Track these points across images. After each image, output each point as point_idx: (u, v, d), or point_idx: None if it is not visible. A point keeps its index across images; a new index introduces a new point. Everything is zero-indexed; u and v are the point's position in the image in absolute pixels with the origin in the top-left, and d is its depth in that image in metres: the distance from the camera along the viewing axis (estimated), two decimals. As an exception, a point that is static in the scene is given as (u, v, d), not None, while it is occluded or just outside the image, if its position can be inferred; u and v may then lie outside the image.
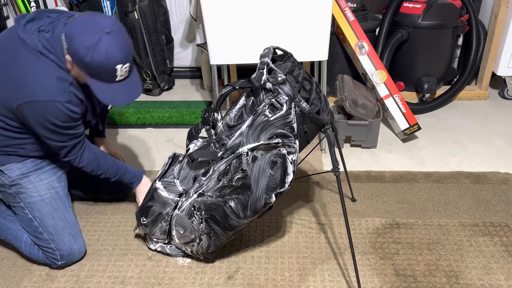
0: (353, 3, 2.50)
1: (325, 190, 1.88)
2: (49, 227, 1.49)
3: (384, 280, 1.43)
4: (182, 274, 1.49)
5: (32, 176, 1.47)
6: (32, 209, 1.48)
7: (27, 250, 1.54)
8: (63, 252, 1.49)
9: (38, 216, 1.48)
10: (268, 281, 1.45)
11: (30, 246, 1.53)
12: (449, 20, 2.42)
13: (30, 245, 1.53)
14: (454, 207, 1.75)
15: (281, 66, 1.37)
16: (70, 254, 1.51)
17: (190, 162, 1.43)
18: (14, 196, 1.48)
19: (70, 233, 1.52)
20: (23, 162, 1.46)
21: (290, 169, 1.26)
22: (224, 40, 1.84)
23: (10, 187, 1.46)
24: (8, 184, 1.46)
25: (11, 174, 1.44)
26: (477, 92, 2.66)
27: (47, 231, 1.49)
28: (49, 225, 1.49)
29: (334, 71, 2.62)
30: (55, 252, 1.49)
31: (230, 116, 1.36)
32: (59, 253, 1.49)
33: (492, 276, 1.44)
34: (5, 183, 1.45)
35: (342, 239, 1.61)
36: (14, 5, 2.71)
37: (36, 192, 1.48)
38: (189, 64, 3.09)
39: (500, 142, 2.22)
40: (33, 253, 1.53)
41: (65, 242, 1.50)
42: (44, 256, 1.51)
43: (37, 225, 1.48)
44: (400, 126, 2.23)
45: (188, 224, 1.40)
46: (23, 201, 1.47)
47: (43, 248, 1.50)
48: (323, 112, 1.34)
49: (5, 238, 1.58)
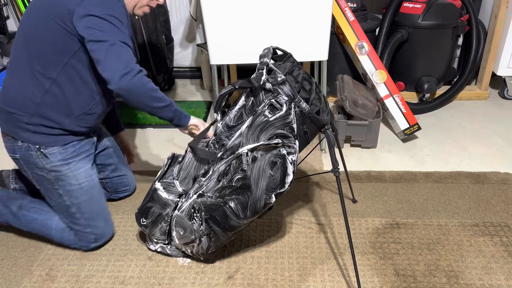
0: (353, 3, 2.50)
1: (325, 190, 1.88)
2: (86, 214, 1.54)
3: (384, 280, 1.43)
4: (182, 274, 1.49)
5: (72, 164, 1.49)
6: (71, 196, 1.51)
7: (58, 236, 1.58)
8: (97, 236, 1.57)
9: (77, 203, 1.52)
10: (268, 281, 1.45)
11: (62, 232, 1.57)
12: (449, 20, 2.42)
13: (62, 231, 1.57)
14: (454, 207, 1.75)
15: (280, 66, 1.37)
16: (103, 237, 1.59)
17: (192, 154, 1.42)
18: (52, 182, 1.49)
19: (103, 218, 1.59)
20: (65, 147, 1.47)
21: (290, 170, 1.26)
22: (224, 40, 1.84)
23: (49, 172, 1.47)
24: (48, 168, 1.47)
25: (53, 159, 1.46)
26: (477, 92, 2.66)
27: (84, 217, 1.54)
28: (86, 212, 1.54)
29: (334, 71, 2.62)
30: (90, 236, 1.56)
31: (229, 116, 1.36)
32: (94, 236, 1.56)
33: (492, 276, 1.44)
34: (46, 167, 1.47)
35: (342, 239, 1.61)
36: (14, 5, 2.71)
37: (76, 180, 1.51)
38: (189, 64, 3.09)
39: (500, 142, 2.22)
40: (64, 237, 1.58)
41: (100, 227, 1.57)
42: (76, 238, 1.57)
43: (75, 212, 1.53)
44: (400, 126, 2.23)
45: (188, 225, 1.40)
46: (62, 188, 1.50)
47: (78, 232, 1.56)
48: (323, 112, 1.34)
49: (32, 229, 1.60)
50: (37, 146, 1.44)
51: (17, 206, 1.60)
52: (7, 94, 1.43)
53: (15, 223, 1.61)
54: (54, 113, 1.43)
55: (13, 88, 1.41)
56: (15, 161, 1.51)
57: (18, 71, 1.41)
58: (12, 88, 1.42)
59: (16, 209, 1.60)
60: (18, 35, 1.42)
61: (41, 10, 1.37)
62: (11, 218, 1.61)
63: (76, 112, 1.46)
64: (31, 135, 1.43)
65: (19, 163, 1.50)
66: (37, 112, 1.41)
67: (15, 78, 1.42)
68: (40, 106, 1.41)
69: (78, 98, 1.45)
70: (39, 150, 1.44)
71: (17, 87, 1.41)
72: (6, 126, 1.46)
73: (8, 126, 1.45)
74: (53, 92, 1.41)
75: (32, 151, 1.44)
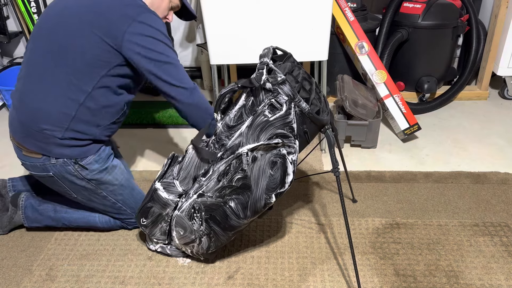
0: (353, 3, 2.50)
1: (325, 190, 1.88)
2: (131, 204, 1.60)
3: (384, 280, 1.43)
4: (182, 274, 1.49)
5: (108, 168, 1.52)
6: (115, 194, 1.56)
7: (104, 227, 1.65)
8: None
9: (121, 198, 1.57)
10: (268, 281, 1.45)
11: (106, 222, 1.64)
12: (449, 20, 2.42)
13: (106, 222, 1.64)
14: (454, 207, 1.75)
15: (280, 66, 1.37)
16: None
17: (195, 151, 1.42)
18: (94, 189, 1.51)
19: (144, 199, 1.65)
20: (98, 153, 1.48)
21: (290, 169, 1.26)
22: (224, 40, 1.84)
23: (89, 181, 1.48)
24: (89, 178, 1.48)
25: (92, 168, 1.47)
26: (477, 92, 2.66)
27: (130, 207, 1.61)
28: (130, 203, 1.60)
29: (334, 71, 2.62)
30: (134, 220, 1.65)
31: (229, 116, 1.36)
32: None
33: (492, 276, 1.44)
34: (86, 178, 1.47)
35: (342, 239, 1.61)
36: (14, 5, 2.71)
37: (116, 180, 1.54)
38: (189, 64, 3.09)
39: (500, 142, 2.22)
40: (112, 226, 1.65)
41: None
42: (122, 223, 1.65)
43: (121, 206, 1.59)
44: (400, 126, 2.23)
45: (188, 225, 1.40)
46: (105, 190, 1.53)
47: (125, 220, 1.64)
48: (323, 112, 1.34)
49: (77, 226, 1.66)
50: (73, 160, 1.42)
51: (53, 210, 1.62)
52: (35, 110, 1.36)
53: (57, 225, 1.64)
54: (86, 125, 1.41)
55: (42, 102, 1.35)
56: (44, 179, 1.48)
57: (47, 83, 1.35)
58: (40, 102, 1.36)
59: (53, 214, 1.62)
60: (38, 42, 1.36)
61: (73, 18, 1.33)
62: (51, 222, 1.63)
63: (106, 122, 1.45)
64: (66, 149, 1.41)
65: (51, 180, 1.47)
66: (71, 126, 1.38)
67: (41, 92, 1.36)
68: (74, 119, 1.38)
69: (109, 109, 1.44)
70: (76, 163, 1.43)
71: (49, 102, 1.35)
72: (35, 144, 1.40)
73: (38, 144, 1.39)
74: (87, 105, 1.38)
75: (69, 166, 1.43)
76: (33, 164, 1.44)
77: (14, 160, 2.22)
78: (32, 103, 1.37)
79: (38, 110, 1.37)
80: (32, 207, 1.62)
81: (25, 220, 1.63)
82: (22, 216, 1.63)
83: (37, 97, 1.36)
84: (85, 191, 1.51)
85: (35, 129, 1.38)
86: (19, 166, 2.15)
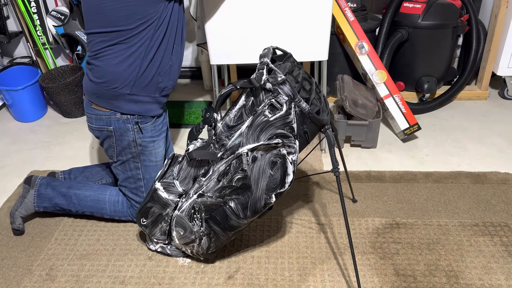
0: (353, 3, 2.50)
1: (325, 190, 1.88)
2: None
3: (384, 280, 1.43)
4: (182, 274, 1.49)
5: (156, 142, 1.59)
6: (146, 171, 1.60)
7: (111, 209, 1.66)
8: None
9: (148, 178, 1.61)
10: (268, 281, 1.45)
11: (115, 205, 1.66)
12: (449, 20, 2.42)
13: (114, 204, 1.65)
14: (454, 207, 1.75)
15: (280, 66, 1.37)
16: None
17: (189, 161, 1.43)
18: (135, 155, 1.56)
19: None
20: (155, 123, 1.56)
21: (290, 169, 1.26)
22: (224, 40, 1.84)
23: (137, 146, 1.55)
24: (139, 142, 1.55)
25: (145, 134, 1.54)
26: (477, 92, 2.66)
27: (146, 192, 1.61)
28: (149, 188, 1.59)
29: (334, 71, 2.62)
30: None
31: (229, 116, 1.36)
32: None
33: (492, 276, 1.44)
34: (137, 140, 1.54)
35: (342, 239, 1.61)
36: (14, 5, 2.71)
37: (155, 158, 1.61)
38: (189, 64, 3.09)
39: (500, 142, 2.22)
40: (117, 210, 1.66)
41: None
42: (130, 211, 1.65)
43: (142, 186, 1.62)
44: (400, 126, 2.23)
45: (188, 225, 1.40)
46: (142, 162, 1.58)
47: (135, 205, 1.63)
48: (323, 112, 1.34)
49: (84, 207, 1.67)
50: (135, 120, 1.50)
51: (67, 186, 1.67)
52: (105, 72, 1.45)
53: (65, 204, 1.66)
54: (149, 76, 1.47)
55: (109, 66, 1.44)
56: (101, 132, 1.54)
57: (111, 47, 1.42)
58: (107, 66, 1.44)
59: (66, 189, 1.66)
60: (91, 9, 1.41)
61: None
62: (61, 200, 1.66)
63: (163, 69, 1.50)
64: (133, 105, 1.49)
65: (106, 134, 1.53)
66: (137, 82, 1.46)
67: (110, 55, 1.43)
68: (139, 75, 1.45)
69: (163, 54, 1.49)
70: (136, 124, 1.51)
71: (115, 63, 1.43)
72: (106, 102, 1.48)
73: (109, 101, 1.48)
74: (148, 58, 1.45)
75: (129, 124, 1.51)
76: (98, 116, 1.51)
77: (14, 160, 2.22)
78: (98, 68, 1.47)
79: (108, 72, 1.45)
80: (47, 183, 1.68)
81: (35, 199, 1.67)
82: (34, 194, 1.67)
83: (106, 61, 1.45)
84: (128, 154, 1.56)
85: (107, 89, 1.47)
86: (21, 166, 2.15)
